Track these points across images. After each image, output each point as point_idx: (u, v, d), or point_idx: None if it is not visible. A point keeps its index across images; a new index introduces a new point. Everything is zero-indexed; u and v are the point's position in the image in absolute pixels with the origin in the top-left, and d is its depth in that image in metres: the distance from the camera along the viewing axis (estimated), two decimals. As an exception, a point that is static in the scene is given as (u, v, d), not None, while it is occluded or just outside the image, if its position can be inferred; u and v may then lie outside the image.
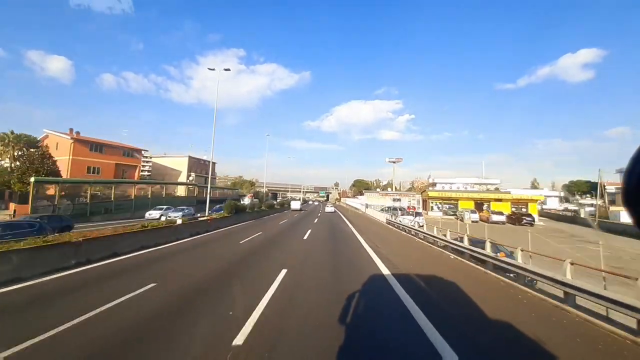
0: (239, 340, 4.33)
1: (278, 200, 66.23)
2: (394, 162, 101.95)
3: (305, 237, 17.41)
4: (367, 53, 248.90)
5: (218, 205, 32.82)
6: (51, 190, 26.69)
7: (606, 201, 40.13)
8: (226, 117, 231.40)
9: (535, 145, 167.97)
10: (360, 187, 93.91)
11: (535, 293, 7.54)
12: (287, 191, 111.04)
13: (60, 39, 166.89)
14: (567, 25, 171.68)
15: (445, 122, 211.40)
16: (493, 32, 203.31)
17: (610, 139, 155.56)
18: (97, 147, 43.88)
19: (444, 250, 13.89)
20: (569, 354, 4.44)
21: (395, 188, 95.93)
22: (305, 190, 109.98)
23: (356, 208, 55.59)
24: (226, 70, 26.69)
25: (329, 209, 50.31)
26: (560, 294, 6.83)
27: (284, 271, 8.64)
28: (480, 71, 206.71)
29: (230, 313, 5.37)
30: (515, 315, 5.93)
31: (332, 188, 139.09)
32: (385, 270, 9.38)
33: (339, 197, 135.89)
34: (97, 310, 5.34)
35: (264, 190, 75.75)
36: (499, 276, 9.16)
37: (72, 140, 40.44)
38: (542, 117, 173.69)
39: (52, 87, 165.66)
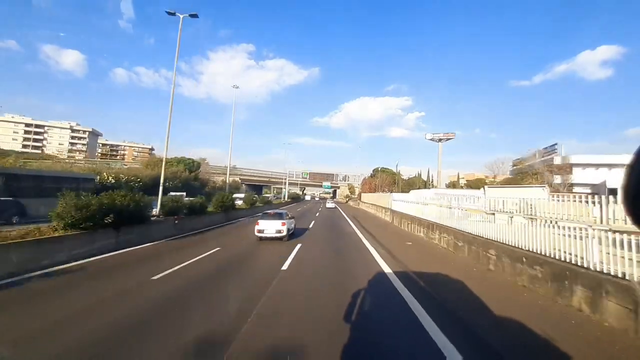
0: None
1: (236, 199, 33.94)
2: (440, 141, 68.18)
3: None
4: (377, 49, 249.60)
5: None
6: None
7: None
8: (236, 112, 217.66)
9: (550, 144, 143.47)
10: (387, 177, 60.44)
11: None
12: (275, 183, 78.75)
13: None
14: (587, 20, 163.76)
15: (456, 120, 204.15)
16: (508, 27, 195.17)
17: (629, 140, 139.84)
18: None
19: None
20: None
21: (434, 186, 62.34)
22: (299, 182, 77.24)
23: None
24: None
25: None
26: None
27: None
28: (493, 68, 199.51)
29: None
30: None
31: (342, 181, 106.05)
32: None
33: (350, 194, 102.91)
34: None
35: (228, 180, 42.70)
36: None
37: None
38: (557, 115, 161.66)
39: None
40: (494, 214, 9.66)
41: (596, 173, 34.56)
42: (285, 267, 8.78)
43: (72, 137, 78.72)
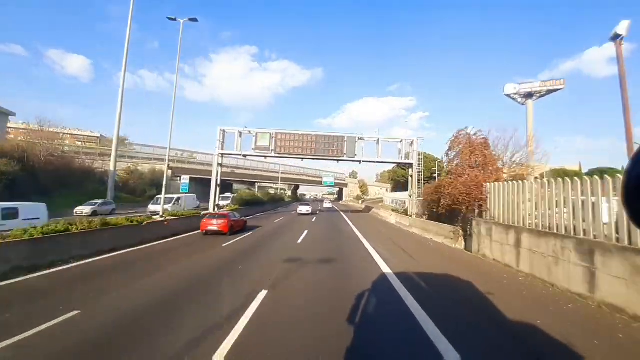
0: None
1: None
2: (530, 97, 38.83)
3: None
4: (381, 47, 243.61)
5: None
6: None
7: None
8: (238, 115, 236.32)
9: (557, 142, 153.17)
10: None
11: None
12: (263, 179, 52.22)
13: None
14: (594, 17, 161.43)
15: (461, 119, 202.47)
16: (513, 24, 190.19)
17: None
18: None
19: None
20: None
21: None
22: (282, 173, 49.55)
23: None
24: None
25: None
26: None
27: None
28: (499, 65, 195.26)
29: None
30: None
31: (349, 178, 78.86)
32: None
33: (362, 194, 76.41)
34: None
35: (115, 165, 11.44)
36: None
37: None
38: (564, 113, 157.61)
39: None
40: None
41: None
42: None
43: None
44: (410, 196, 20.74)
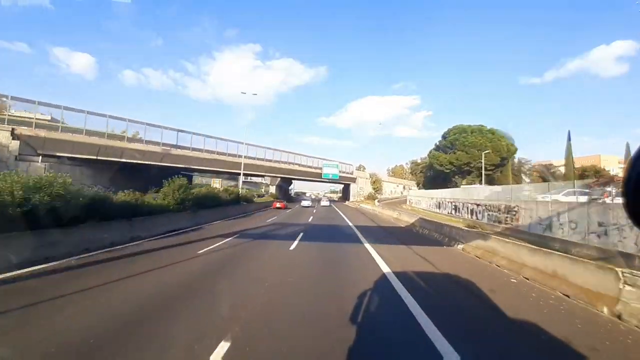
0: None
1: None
2: None
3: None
4: (385, 45, 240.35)
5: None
6: None
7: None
8: (241, 113, 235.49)
9: (563, 143, 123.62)
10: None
11: None
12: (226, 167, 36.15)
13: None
14: (601, 15, 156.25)
15: (465, 119, 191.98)
16: (519, 21, 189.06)
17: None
18: None
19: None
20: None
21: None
22: (268, 164, 34.19)
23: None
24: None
25: None
26: None
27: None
28: (504, 64, 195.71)
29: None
30: None
31: (358, 171, 62.57)
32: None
33: (376, 192, 61.10)
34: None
35: None
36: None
37: None
38: (569, 113, 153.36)
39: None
40: None
41: None
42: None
43: None
44: None
